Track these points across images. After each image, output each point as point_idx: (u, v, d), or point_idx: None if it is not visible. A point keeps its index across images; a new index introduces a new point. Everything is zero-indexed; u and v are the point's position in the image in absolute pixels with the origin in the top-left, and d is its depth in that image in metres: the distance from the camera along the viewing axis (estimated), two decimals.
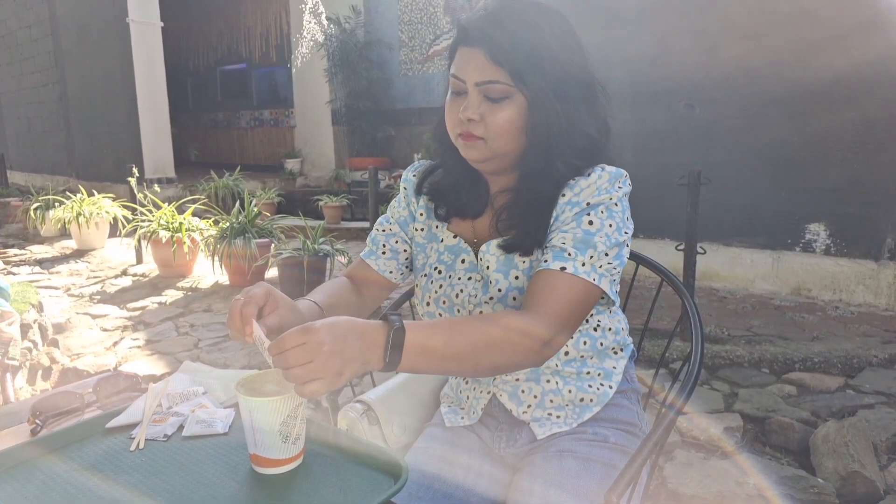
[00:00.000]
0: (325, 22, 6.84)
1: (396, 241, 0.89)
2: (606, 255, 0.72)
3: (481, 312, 0.79)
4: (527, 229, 0.76)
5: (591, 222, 0.73)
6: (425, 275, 0.85)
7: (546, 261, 0.72)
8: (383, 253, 0.89)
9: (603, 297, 0.75)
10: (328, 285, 0.86)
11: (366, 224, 4.76)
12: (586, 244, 0.71)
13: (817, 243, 3.03)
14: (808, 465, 1.59)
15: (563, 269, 0.70)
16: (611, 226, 0.73)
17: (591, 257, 0.71)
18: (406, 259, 0.90)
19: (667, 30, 3.36)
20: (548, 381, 0.81)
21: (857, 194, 2.89)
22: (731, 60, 3.17)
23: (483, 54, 0.72)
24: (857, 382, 2.04)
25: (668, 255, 2.72)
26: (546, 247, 0.74)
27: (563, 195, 0.75)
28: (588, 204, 0.73)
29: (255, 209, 3.43)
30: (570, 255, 0.71)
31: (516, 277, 0.77)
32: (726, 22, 3.17)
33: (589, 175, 0.74)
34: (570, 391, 0.81)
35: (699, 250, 2.33)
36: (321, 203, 5.39)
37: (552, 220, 0.75)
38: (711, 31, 3.22)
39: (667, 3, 3.34)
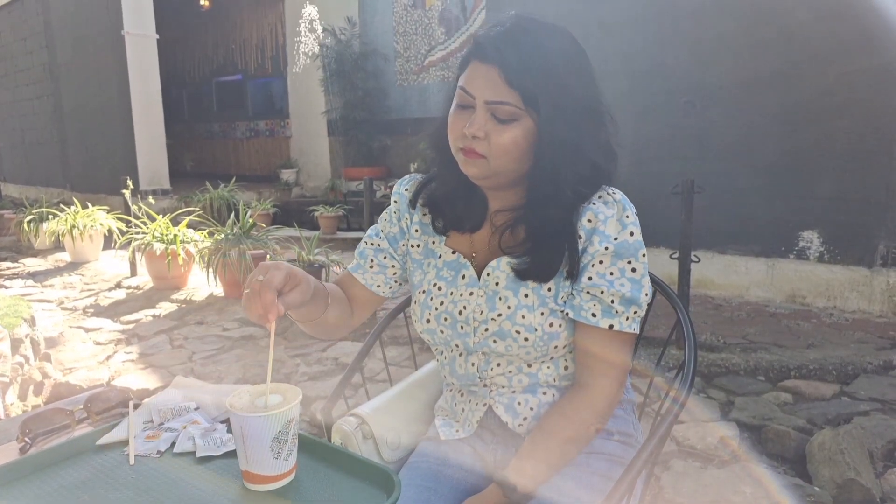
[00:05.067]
0: (320, 33, 6.89)
1: (385, 257, 0.88)
2: (647, 303, 0.77)
3: (487, 330, 0.79)
4: (541, 258, 0.76)
5: (634, 269, 0.75)
6: (424, 291, 0.84)
7: (594, 315, 0.75)
8: (371, 267, 0.88)
9: None
10: (327, 285, 0.88)
11: (361, 234, 4.75)
12: (632, 301, 0.75)
13: (811, 250, 3.06)
14: (805, 474, 1.59)
15: (611, 326, 0.75)
16: (644, 274, 0.76)
17: (635, 312, 0.76)
18: (394, 274, 0.89)
19: (661, 41, 3.40)
20: (544, 394, 0.81)
21: (849, 202, 2.92)
22: (725, 71, 3.22)
23: (498, 73, 0.70)
24: (852, 389, 2.04)
25: (663, 263, 2.73)
26: (588, 291, 0.75)
27: (589, 221, 0.75)
28: (616, 239, 0.74)
29: (250, 220, 3.43)
30: (617, 311, 0.75)
31: (525, 295, 0.77)
32: (719, 34, 3.22)
33: (606, 202, 0.75)
34: None
35: (693, 259, 2.34)
36: (317, 213, 5.40)
37: (580, 251, 0.75)
38: (705, 43, 3.27)
39: (660, 15, 3.39)
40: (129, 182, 4.12)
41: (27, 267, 4.47)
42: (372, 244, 0.89)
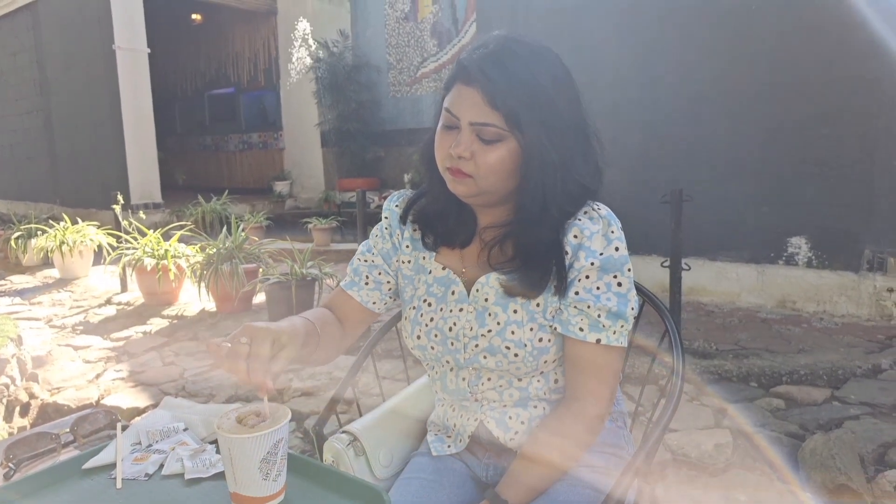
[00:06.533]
0: (313, 46, 6.94)
1: (379, 273, 0.88)
2: (634, 317, 0.77)
3: (477, 346, 0.79)
4: (530, 274, 0.76)
5: (619, 284, 0.75)
6: (414, 307, 0.84)
7: (581, 329, 0.75)
8: (366, 284, 0.88)
9: None
10: (314, 311, 0.86)
11: (355, 246, 4.75)
12: (619, 315, 0.76)
13: (799, 256, 3.09)
14: (798, 480, 1.59)
15: (598, 340, 0.75)
16: (630, 288, 0.77)
17: (622, 326, 0.76)
18: (389, 290, 0.89)
19: (649, 53, 3.45)
20: (535, 407, 0.81)
21: (835, 207, 2.97)
22: (711, 81, 3.27)
23: (480, 95, 0.71)
24: (842, 394, 2.06)
25: (654, 271, 2.75)
26: (575, 305, 0.76)
27: (575, 237, 0.75)
28: (601, 254, 0.75)
29: (243, 234, 3.42)
30: (604, 326, 0.75)
31: (514, 311, 0.77)
32: (706, 46, 3.28)
33: (591, 217, 0.76)
34: None
35: (684, 267, 2.36)
36: (310, 225, 5.38)
37: (567, 265, 0.76)
38: (692, 54, 3.33)
39: (648, 28, 3.45)
40: (120, 197, 4.10)
41: (14, 284, 4.42)
42: (365, 261, 0.89)
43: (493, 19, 4.16)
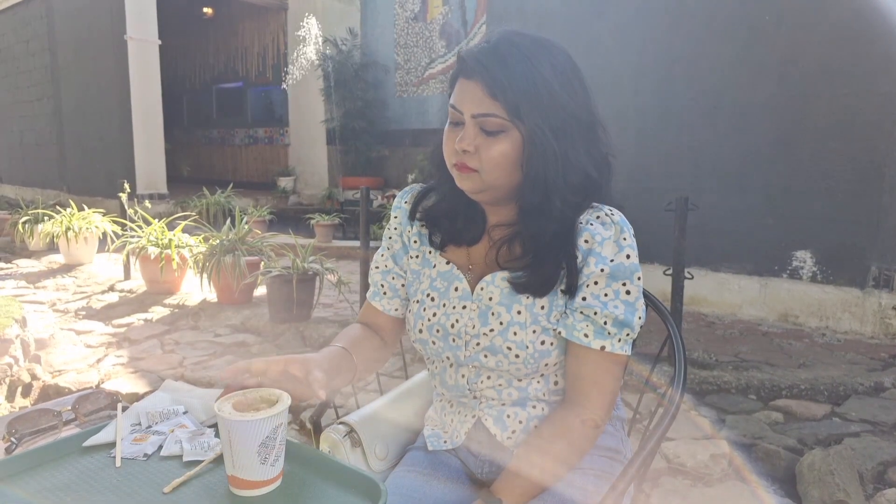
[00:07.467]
0: (321, 43, 6.97)
1: (393, 278, 0.89)
2: (640, 325, 0.77)
3: (478, 344, 0.79)
4: (538, 272, 0.76)
5: (628, 292, 0.75)
6: (417, 301, 0.84)
7: (586, 335, 0.75)
8: (384, 294, 0.89)
9: None
10: (347, 330, 0.88)
11: (356, 243, 4.76)
12: (625, 324, 0.75)
13: (804, 270, 3.08)
14: (795, 494, 1.58)
15: (602, 347, 0.75)
16: (639, 297, 0.77)
17: (627, 334, 0.76)
18: (406, 293, 0.89)
19: (657, 58, 3.46)
20: (534, 407, 0.81)
21: (842, 223, 2.95)
22: (720, 91, 3.27)
23: (480, 87, 0.72)
24: (843, 410, 2.05)
25: (656, 279, 2.74)
26: (581, 311, 0.75)
27: (586, 241, 0.75)
28: (612, 261, 0.75)
29: (246, 227, 3.43)
30: (609, 333, 0.75)
31: (518, 312, 0.77)
32: (716, 57, 3.28)
33: (604, 223, 0.76)
34: None
35: (687, 276, 2.36)
36: (313, 221, 5.40)
37: (577, 270, 0.76)
38: (701, 65, 3.33)
39: (658, 39, 3.45)
40: (126, 185, 4.12)
41: (20, 268, 4.44)
42: (377, 267, 0.90)
43: (504, 22, 4.17)
